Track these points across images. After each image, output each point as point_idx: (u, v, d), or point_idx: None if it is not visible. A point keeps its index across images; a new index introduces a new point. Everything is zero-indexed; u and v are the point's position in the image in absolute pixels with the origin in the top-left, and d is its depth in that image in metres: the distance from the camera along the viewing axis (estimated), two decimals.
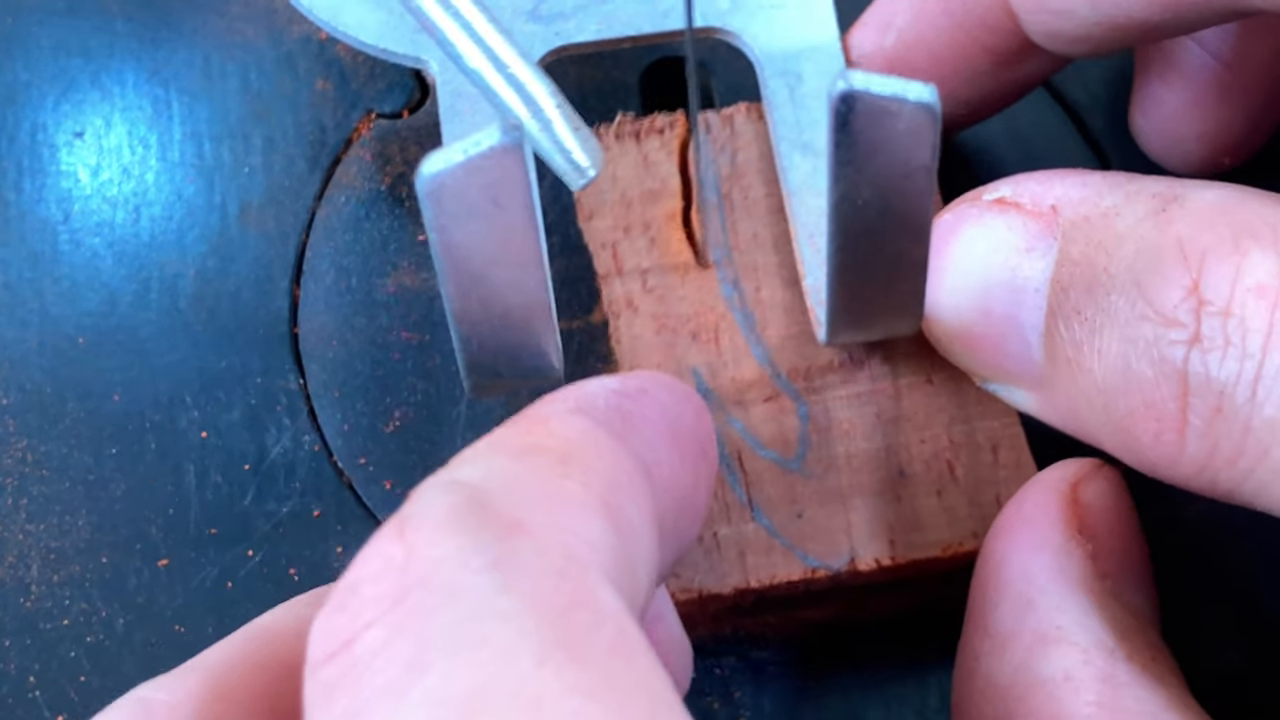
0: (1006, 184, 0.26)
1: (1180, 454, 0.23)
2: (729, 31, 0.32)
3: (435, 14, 0.30)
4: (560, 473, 0.20)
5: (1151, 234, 0.24)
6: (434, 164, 0.23)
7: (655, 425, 0.23)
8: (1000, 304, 0.26)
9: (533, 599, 0.18)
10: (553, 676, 0.17)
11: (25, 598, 0.30)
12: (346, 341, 0.32)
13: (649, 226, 0.31)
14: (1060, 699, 0.23)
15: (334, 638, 0.19)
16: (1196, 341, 0.23)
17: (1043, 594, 0.24)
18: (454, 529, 0.19)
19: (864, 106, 0.23)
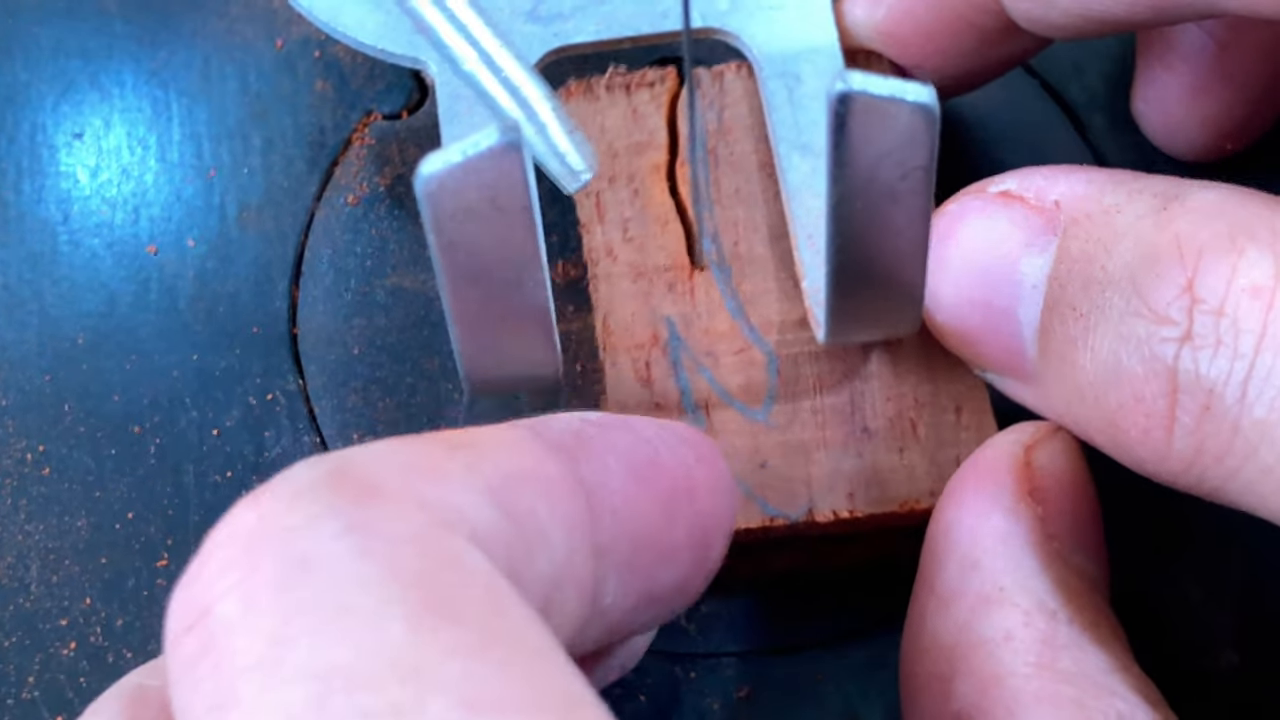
0: (1012, 177, 0.26)
1: (1168, 451, 0.23)
2: (728, 32, 0.32)
3: (431, 17, 0.30)
4: (443, 454, 0.20)
5: (1150, 232, 0.24)
6: (433, 165, 0.23)
7: (619, 453, 0.23)
8: (999, 297, 0.26)
9: (392, 563, 0.18)
10: (428, 641, 0.17)
11: (24, 598, 0.30)
12: (345, 342, 0.32)
13: (633, 178, 0.31)
14: (999, 658, 0.23)
15: (190, 608, 0.18)
16: (1188, 339, 0.23)
17: (988, 555, 0.25)
18: (308, 496, 0.18)
19: (862, 107, 0.23)
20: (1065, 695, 0.23)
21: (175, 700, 0.18)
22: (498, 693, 0.16)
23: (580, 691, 0.17)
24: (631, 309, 0.30)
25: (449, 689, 0.16)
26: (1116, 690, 0.23)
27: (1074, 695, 0.23)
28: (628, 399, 0.29)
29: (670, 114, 0.32)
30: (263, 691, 0.17)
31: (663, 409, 0.29)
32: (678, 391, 0.29)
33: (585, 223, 0.31)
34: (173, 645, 0.18)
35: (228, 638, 0.17)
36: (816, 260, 0.29)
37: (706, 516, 0.24)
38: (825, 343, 0.29)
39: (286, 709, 0.16)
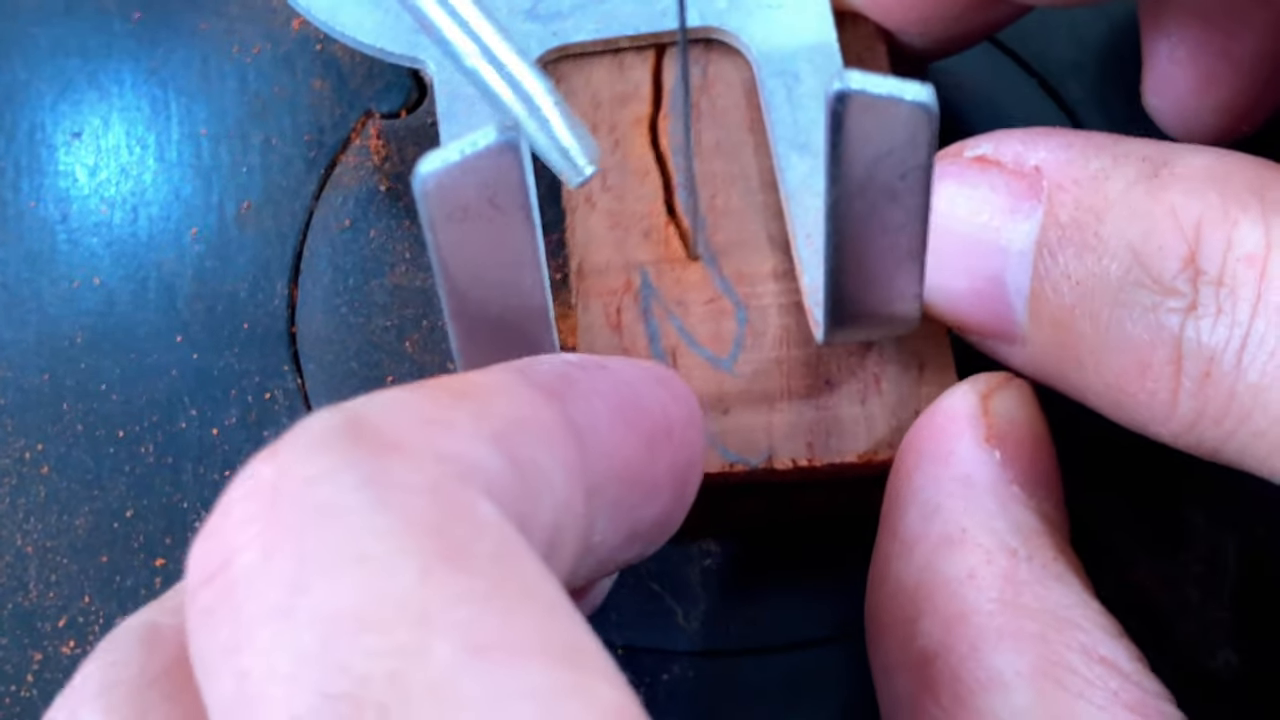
0: (987, 141, 0.27)
1: (1172, 414, 0.24)
2: (726, 31, 0.32)
3: (432, 12, 0.30)
4: (449, 404, 0.20)
5: (1144, 200, 0.24)
6: (431, 163, 0.23)
7: (603, 395, 0.23)
8: (984, 264, 0.26)
9: (408, 514, 0.18)
10: (438, 587, 0.17)
11: (23, 596, 0.30)
12: (344, 341, 0.32)
13: (615, 128, 0.31)
14: (963, 596, 0.24)
15: (209, 561, 0.18)
16: (1193, 309, 0.23)
17: (950, 498, 0.25)
18: (326, 449, 0.19)
19: (861, 106, 0.23)
20: (1028, 630, 0.23)
21: (193, 647, 0.19)
22: (503, 638, 0.17)
23: (586, 642, 0.18)
24: (606, 256, 0.30)
25: (455, 633, 0.17)
26: (1078, 623, 0.24)
27: (1037, 630, 0.23)
28: (596, 342, 0.29)
29: (656, 67, 0.32)
30: (277, 634, 0.17)
31: (631, 353, 0.29)
32: (646, 337, 0.29)
33: None
34: (192, 596, 0.19)
35: (247, 586, 0.18)
36: (815, 259, 0.29)
37: (683, 452, 0.25)
38: (824, 342, 0.29)
39: (297, 650, 0.17)
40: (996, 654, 0.23)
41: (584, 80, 0.32)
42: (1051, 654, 0.23)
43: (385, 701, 0.16)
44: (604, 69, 0.32)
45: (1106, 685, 0.23)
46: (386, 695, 0.16)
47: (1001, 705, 0.23)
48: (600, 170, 0.31)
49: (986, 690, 0.23)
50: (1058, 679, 0.23)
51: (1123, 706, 0.23)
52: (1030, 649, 0.23)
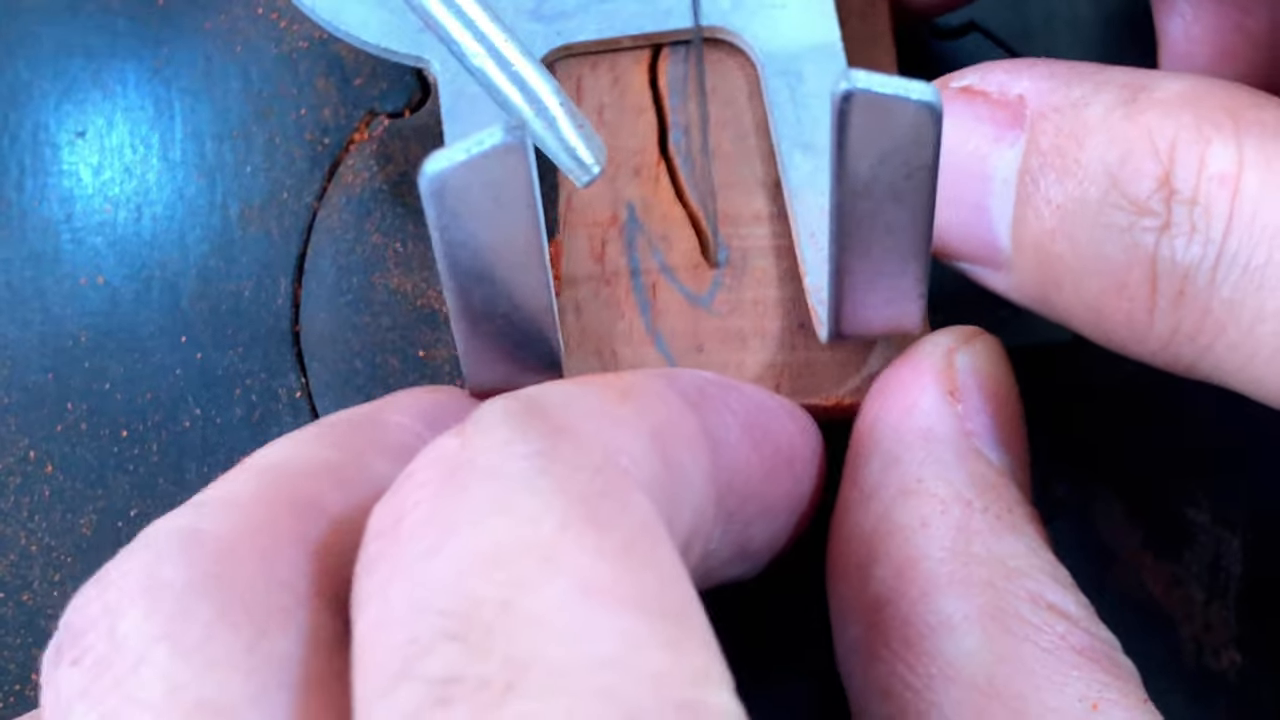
0: (973, 72, 0.27)
1: (1148, 332, 0.25)
2: (730, 31, 0.32)
3: (438, 12, 0.30)
4: (617, 400, 0.22)
5: (1121, 125, 0.25)
6: (436, 163, 0.23)
7: (735, 412, 0.24)
8: (969, 192, 0.27)
9: (564, 483, 0.19)
10: (572, 537, 0.18)
11: (27, 595, 0.30)
12: (348, 340, 0.32)
13: (615, 65, 0.32)
14: (915, 544, 0.25)
15: (384, 518, 0.20)
16: (1166, 229, 0.24)
17: (908, 450, 0.26)
18: (506, 423, 0.20)
19: (866, 105, 0.23)
20: (977, 577, 0.24)
21: (355, 588, 0.20)
22: (615, 587, 0.18)
23: (695, 614, 0.19)
24: (596, 189, 0.31)
25: (573, 575, 0.18)
26: (1027, 572, 0.24)
27: (985, 577, 0.24)
28: (578, 272, 0.30)
29: None
30: (422, 570, 0.19)
31: (612, 284, 0.30)
32: (628, 270, 0.30)
33: None
34: (364, 548, 0.20)
35: (409, 534, 0.19)
36: (819, 258, 0.29)
37: (802, 484, 0.26)
38: (828, 341, 0.29)
39: (433, 581, 0.18)
40: (945, 599, 0.24)
41: None
42: (999, 600, 0.24)
43: (491, 623, 0.18)
44: None
45: (1053, 629, 0.24)
46: (494, 618, 0.18)
47: (950, 647, 0.24)
48: (598, 106, 0.31)
49: (935, 633, 0.24)
50: (1005, 624, 0.24)
51: (1070, 649, 0.23)
52: (979, 595, 0.24)
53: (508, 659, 0.17)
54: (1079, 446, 0.27)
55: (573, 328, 0.30)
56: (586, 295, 0.30)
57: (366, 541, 0.20)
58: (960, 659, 0.23)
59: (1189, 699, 0.25)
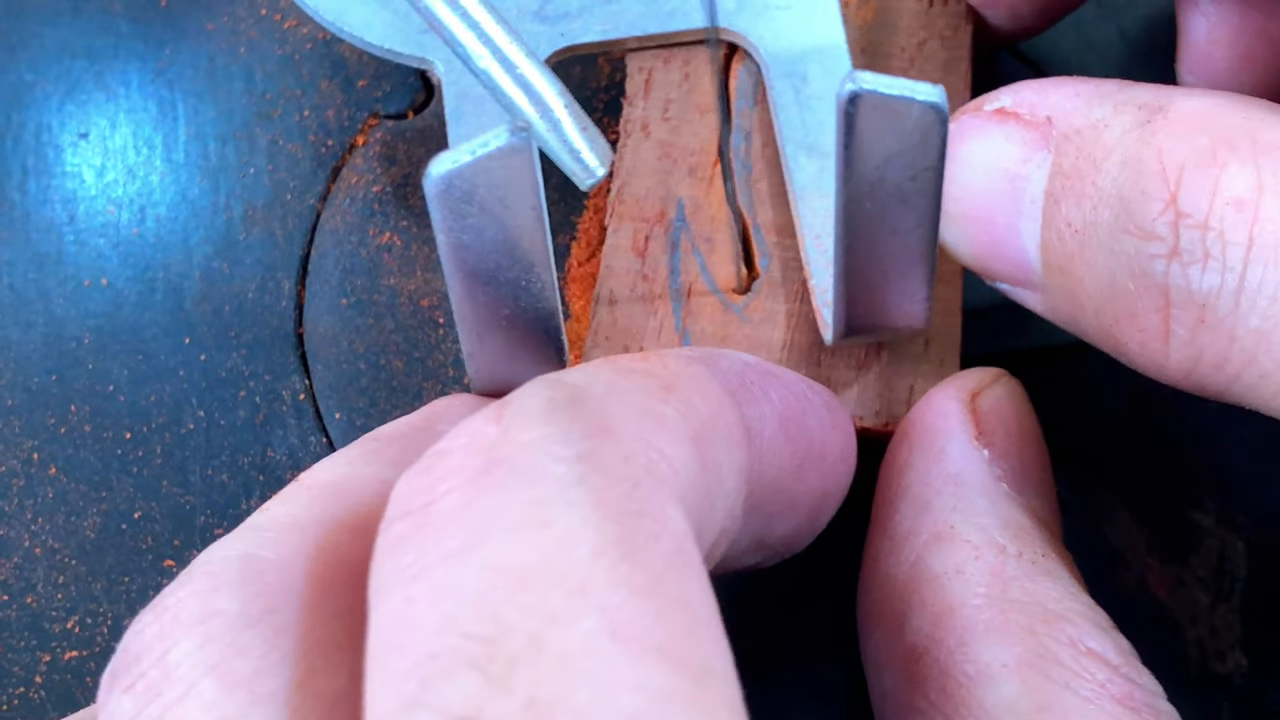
0: (1006, 93, 0.27)
1: (1165, 361, 0.24)
2: (735, 32, 0.32)
3: (443, 14, 0.30)
4: (660, 397, 0.21)
5: (1135, 147, 0.24)
6: (442, 165, 0.23)
7: (773, 403, 0.24)
8: (1001, 213, 0.26)
9: (603, 497, 0.19)
10: (605, 569, 0.18)
11: (31, 598, 0.30)
12: (352, 342, 0.32)
13: (688, 63, 0.32)
14: (951, 591, 0.24)
15: (414, 497, 0.19)
16: (1175, 255, 0.23)
17: (939, 495, 0.26)
18: (547, 419, 0.20)
19: (872, 107, 0.23)
20: (1016, 623, 0.24)
21: (375, 567, 0.19)
22: (644, 632, 0.17)
23: (721, 667, 0.18)
24: (649, 184, 0.30)
25: (603, 614, 0.17)
26: (1066, 616, 0.24)
27: (1024, 623, 0.24)
28: (618, 264, 0.30)
29: None
30: (449, 573, 0.18)
31: (649, 280, 0.30)
32: (667, 269, 0.30)
33: (630, 95, 0.31)
34: (387, 524, 0.19)
35: (439, 525, 0.19)
36: (824, 260, 0.29)
37: (830, 480, 0.25)
38: (832, 343, 0.29)
39: (460, 591, 0.18)
40: (983, 647, 0.24)
41: None
42: (1038, 647, 0.23)
43: (516, 656, 0.17)
44: None
45: (1094, 677, 0.23)
46: (520, 651, 0.17)
47: (989, 697, 0.23)
48: (665, 100, 0.31)
49: (974, 683, 0.23)
50: (1045, 671, 0.23)
51: (1110, 698, 0.23)
52: (1017, 642, 0.24)
53: (529, 701, 0.17)
54: (1084, 450, 0.27)
55: (604, 319, 0.29)
56: (622, 288, 0.30)
57: (391, 515, 0.19)
58: (999, 709, 0.23)
59: (1193, 703, 0.24)
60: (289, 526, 0.21)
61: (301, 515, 0.22)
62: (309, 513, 0.22)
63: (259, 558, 0.21)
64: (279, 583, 0.20)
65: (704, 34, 0.32)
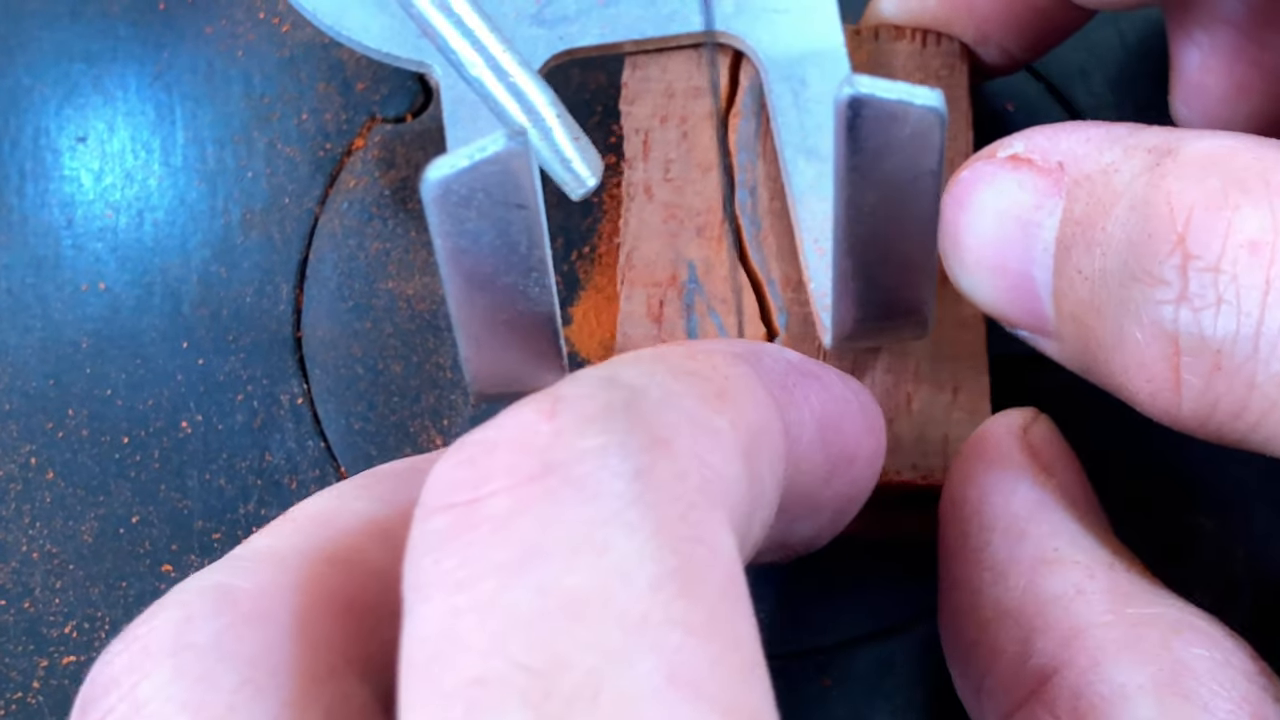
0: (1019, 139, 0.27)
1: (1178, 410, 0.24)
2: (733, 35, 0.32)
3: (436, 21, 0.30)
4: (715, 406, 0.21)
5: (1143, 190, 0.24)
6: (439, 169, 0.23)
7: (812, 408, 0.24)
8: (1015, 261, 0.26)
9: (661, 520, 0.18)
10: (662, 605, 0.17)
11: (29, 603, 0.30)
12: (350, 346, 0.32)
13: (685, 120, 0.31)
14: (1076, 612, 0.24)
15: (456, 490, 0.19)
16: (1184, 300, 0.23)
17: (1031, 523, 0.25)
18: (605, 426, 0.19)
19: (870, 111, 0.23)
20: (1148, 639, 0.23)
21: (411, 556, 0.19)
22: (700, 680, 0.17)
23: (768, 714, 0.18)
24: (657, 247, 0.30)
25: (662, 656, 0.17)
26: (1193, 625, 0.23)
27: (1157, 637, 0.23)
28: (634, 332, 0.29)
29: (734, 63, 0.32)
30: (500, 589, 0.18)
31: None
32: (685, 332, 0.29)
33: (630, 158, 0.31)
34: (428, 511, 0.19)
35: (489, 531, 0.18)
36: (822, 265, 0.29)
37: (857, 484, 0.25)
38: (831, 347, 0.29)
39: (513, 612, 0.17)
40: (1117, 667, 0.23)
41: (660, 69, 0.32)
42: (1174, 663, 0.23)
43: (571, 696, 0.17)
44: (682, 60, 0.32)
45: (1230, 693, 0.23)
46: (574, 690, 0.17)
47: (1125, 719, 0.23)
48: (665, 160, 0.31)
49: (1109, 704, 0.23)
50: (1180, 690, 0.23)
51: (1249, 716, 0.22)
52: (1150, 660, 0.23)
53: None
54: (1085, 454, 0.27)
55: None
56: None
57: (431, 503, 0.19)
58: None
59: None
60: (268, 557, 0.21)
61: (282, 546, 0.21)
62: (290, 543, 0.21)
63: (235, 588, 0.20)
64: (255, 614, 0.20)
65: (702, 38, 0.32)
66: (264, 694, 0.19)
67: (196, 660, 0.19)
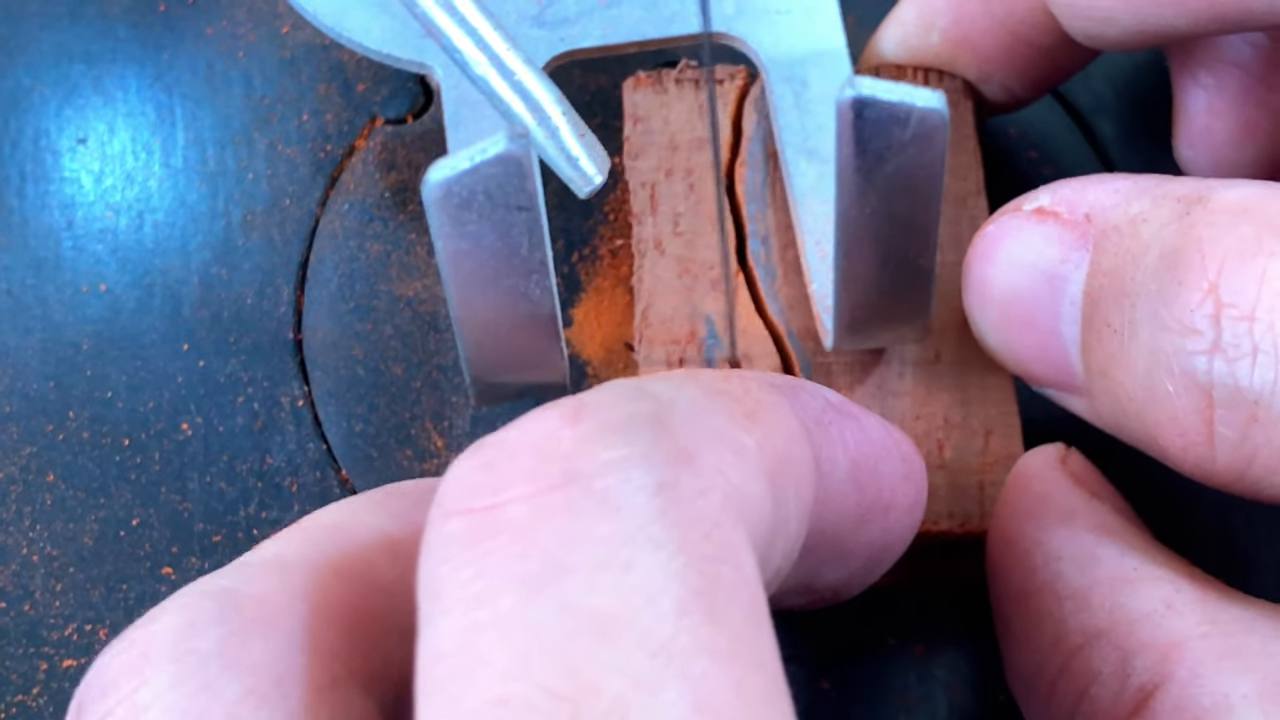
0: (1045, 192, 0.26)
1: (1212, 465, 0.23)
2: (734, 37, 0.32)
3: (441, 20, 0.30)
4: (743, 426, 0.20)
5: (1174, 239, 0.23)
6: (440, 171, 0.23)
7: (847, 448, 0.23)
8: (1042, 315, 0.26)
9: (685, 538, 0.18)
10: (688, 629, 0.17)
11: (29, 605, 0.30)
12: (351, 348, 0.32)
13: (691, 173, 0.31)
14: (1171, 626, 0.23)
15: (474, 493, 0.18)
16: (1218, 350, 0.22)
17: (1100, 545, 0.25)
18: (629, 436, 0.19)
19: (872, 113, 0.23)
20: (1248, 647, 0.23)
21: (425, 559, 0.18)
22: (725, 708, 0.17)
23: None
24: (673, 303, 0.30)
25: (689, 683, 0.17)
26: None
27: (1256, 645, 0.23)
28: None
29: (736, 112, 0.31)
30: (521, 605, 0.17)
31: None
32: None
33: (638, 213, 0.30)
34: (445, 514, 0.18)
35: (508, 540, 0.18)
36: (824, 266, 0.29)
37: (890, 534, 0.24)
38: (832, 349, 0.29)
39: (535, 631, 0.17)
40: (1220, 678, 0.23)
41: (662, 121, 0.31)
42: (1278, 670, 0.23)
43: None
44: (683, 111, 0.31)
45: None
46: (603, 717, 0.16)
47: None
48: (674, 214, 0.30)
49: (1214, 716, 0.22)
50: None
51: None
52: (1254, 667, 0.23)
53: None
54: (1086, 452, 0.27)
55: None
56: None
57: (447, 505, 0.18)
58: None
59: None
60: (275, 564, 0.21)
61: (290, 554, 0.21)
62: (299, 552, 0.21)
63: (239, 593, 0.20)
64: (260, 621, 0.20)
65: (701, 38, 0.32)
66: (268, 704, 0.19)
67: (199, 667, 0.19)
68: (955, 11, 0.31)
